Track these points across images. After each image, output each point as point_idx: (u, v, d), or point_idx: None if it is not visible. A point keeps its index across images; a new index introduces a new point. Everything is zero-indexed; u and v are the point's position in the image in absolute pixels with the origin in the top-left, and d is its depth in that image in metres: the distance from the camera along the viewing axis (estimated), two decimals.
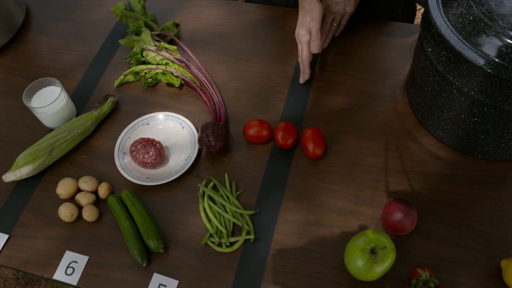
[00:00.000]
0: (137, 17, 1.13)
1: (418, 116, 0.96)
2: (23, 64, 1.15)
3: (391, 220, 0.80)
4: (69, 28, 1.22)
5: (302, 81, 1.03)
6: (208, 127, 0.92)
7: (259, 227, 0.86)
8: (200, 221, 0.87)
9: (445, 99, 0.84)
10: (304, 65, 1.01)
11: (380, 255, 0.74)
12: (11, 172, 0.92)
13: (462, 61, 0.75)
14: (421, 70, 0.88)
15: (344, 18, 1.07)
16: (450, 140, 0.91)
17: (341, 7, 1.03)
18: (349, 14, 1.06)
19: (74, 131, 0.96)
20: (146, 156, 0.91)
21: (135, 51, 1.08)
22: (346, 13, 1.05)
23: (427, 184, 0.89)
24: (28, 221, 0.90)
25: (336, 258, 0.82)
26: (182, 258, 0.84)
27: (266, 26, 1.16)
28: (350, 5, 1.03)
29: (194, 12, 1.22)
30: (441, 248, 0.82)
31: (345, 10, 1.04)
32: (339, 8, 1.03)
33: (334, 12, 1.04)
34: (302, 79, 1.03)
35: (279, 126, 0.94)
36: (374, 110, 0.99)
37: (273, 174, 0.92)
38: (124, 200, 0.89)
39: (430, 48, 0.82)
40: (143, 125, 0.99)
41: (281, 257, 0.83)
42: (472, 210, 0.85)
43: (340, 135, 0.96)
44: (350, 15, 1.06)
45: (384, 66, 1.06)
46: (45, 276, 0.84)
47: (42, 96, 0.98)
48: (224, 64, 1.10)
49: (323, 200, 0.88)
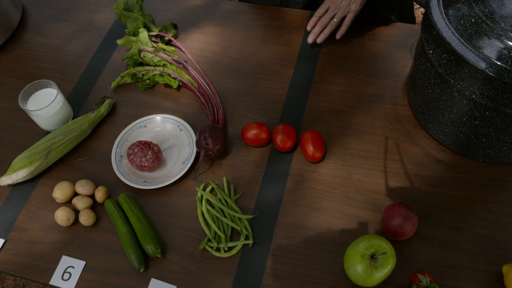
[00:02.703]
0: (135, 17, 1.12)
1: (419, 119, 0.95)
2: (19, 65, 1.13)
3: (391, 224, 0.80)
4: (65, 28, 1.20)
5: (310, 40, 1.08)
6: (206, 130, 0.90)
7: (258, 232, 0.85)
8: (198, 226, 0.86)
9: (446, 102, 0.83)
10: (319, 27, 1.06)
11: (380, 260, 0.73)
12: (7, 175, 0.91)
13: (464, 64, 0.74)
14: (422, 72, 0.87)
15: (348, 17, 1.04)
16: (451, 143, 0.90)
17: (346, 3, 1.01)
18: (353, 13, 1.03)
19: (71, 134, 0.95)
20: (144, 160, 0.90)
21: (133, 52, 1.07)
22: (350, 11, 1.03)
23: (427, 187, 0.88)
24: (24, 226, 0.89)
25: (336, 263, 0.81)
26: (179, 263, 0.83)
27: (265, 26, 1.15)
28: (356, 3, 1.01)
29: (191, 12, 1.20)
30: (442, 253, 0.81)
31: (349, 7, 1.02)
32: (344, 3, 1.01)
33: (338, 6, 1.02)
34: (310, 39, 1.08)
35: (278, 129, 0.93)
36: (374, 112, 0.98)
37: (272, 178, 0.91)
38: (121, 204, 0.88)
39: (431, 50, 0.81)
40: (140, 127, 0.98)
41: (280, 262, 0.82)
42: (473, 214, 0.84)
43: (339, 137, 0.95)
44: (354, 16, 1.04)
45: (384, 67, 1.05)
46: (42, 281, 0.83)
47: (38, 98, 0.97)
48: (223, 65, 1.09)
49: (323, 204, 0.87)
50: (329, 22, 1.05)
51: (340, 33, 1.07)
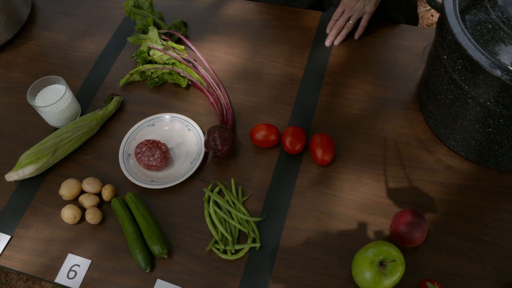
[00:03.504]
0: (145, 14, 1.11)
1: (430, 124, 0.94)
2: (28, 60, 1.13)
3: (400, 231, 0.79)
4: (75, 24, 1.19)
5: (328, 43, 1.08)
6: (215, 130, 0.90)
7: (265, 234, 0.84)
8: (205, 227, 0.86)
9: (459, 108, 0.82)
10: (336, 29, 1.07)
11: (389, 268, 0.72)
12: (14, 171, 0.90)
13: (479, 70, 0.72)
14: (435, 77, 0.86)
15: (364, 18, 1.05)
16: (463, 150, 0.89)
17: (360, 5, 1.02)
18: (369, 14, 1.04)
19: (79, 131, 0.94)
20: (151, 159, 0.89)
21: (142, 49, 1.06)
22: (366, 13, 1.04)
23: (437, 194, 0.87)
24: (30, 222, 0.89)
25: (343, 269, 0.80)
26: (186, 264, 0.82)
27: (275, 26, 1.14)
28: (370, 5, 1.02)
29: (202, 10, 1.19)
30: (451, 261, 0.80)
31: (364, 9, 1.02)
32: (358, 6, 1.02)
33: (353, 9, 1.03)
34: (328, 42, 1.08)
35: (287, 131, 0.92)
36: (384, 116, 0.97)
37: (280, 180, 0.90)
38: (128, 203, 0.87)
39: (446, 55, 0.80)
40: (148, 126, 0.98)
41: (287, 265, 0.81)
42: (483, 223, 0.83)
43: (349, 141, 0.94)
44: (370, 17, 1.05)
45: (395, 70, 1.04)
46: (47, 279, 0.82)
47: (47, 94, 0.96)
48: (232, 65, 1.08)
49: (331, 208, 0.86)
50: (345, 25, 1.06)
51: (358, 34, 1.08)
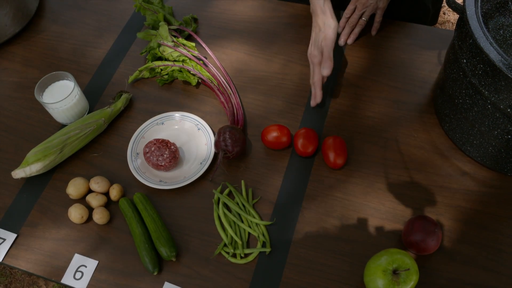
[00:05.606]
0: (155, 9, 1.09)
1: (445, 128, 0.92)
2: (36, 55, 1.11)
3: (414, 239, 0.77)
4: (83, 18, 1.17)
5: (313, 104, 0.95)
6: (225, 131, 0.88)
7: (275, 239, 0.83)
8: (214, 229, 0.84)
9: (477, 114, 0.80)
10: (316, 88, 0.93)
11: (403, 277, 0.71)
12: (20, 168, 0.89)
13: (501, 76, 0.70)
14: (453, 81, 0.83)
15: (378, 14, 1.03)
16: (479, 156, 0.87)
17: (373, 1, 0.99)
18: (382, 9, 1.02)
19: (87, 129, 0.93)
20: (160, 159, 0.88)
21: (152, 46, 1.04)
22: (379, 8, 1.01)
23: (452, 200, 0.85)
24: (37, 221, 0.87)
25: (355, 276, 0.78)
26: (194, 268, 0.81)
27: (288, 24, 1.12)
28: (383, 0, 0.99)
29: (213, 6, 1.17)
30: (466, 270, 0.78)
31: (377, 5, 1.00)
32: (371, 1, 0.99)
33: (365, 5, 1.00)
34: (313, 102, 0.95)
35: (299, 133, 0.90)
36: (398, 119, 0.95)
37: (291, 183, 0.88)
38: (136, 203, 0.85)
39: (465, 59, 0.77)
40: (157, 124, 0.96)
41: (297, 271, 0.80)
42: (499, 231, 0.81)
43: (362, 144, 0.92)
44: (383, 11, 1.03)
45: (410, 72, 1.01)
46: (53, 279, 0.81)
47: (55, 90, 0.95)
48: (244, 63, 1.06)
49: (343, 213, 0.85)
50: (358, 22, 1.03)
51: (375, 29, 1.06)
